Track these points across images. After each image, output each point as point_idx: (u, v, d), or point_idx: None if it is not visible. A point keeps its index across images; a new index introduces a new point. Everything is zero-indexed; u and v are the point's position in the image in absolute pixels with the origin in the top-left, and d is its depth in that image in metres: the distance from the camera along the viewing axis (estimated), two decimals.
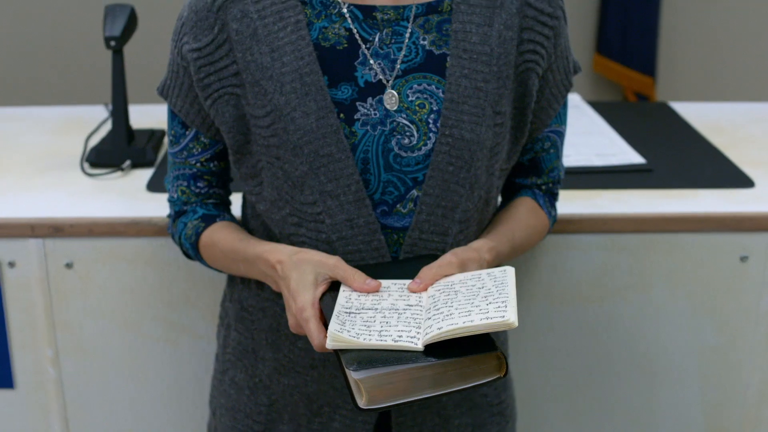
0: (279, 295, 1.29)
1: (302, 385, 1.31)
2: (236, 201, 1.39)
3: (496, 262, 1.23)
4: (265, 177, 1.24)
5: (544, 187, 1.38)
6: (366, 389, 0.98)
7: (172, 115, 1.31)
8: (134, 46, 1.79)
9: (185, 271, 1.54)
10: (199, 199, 1.34)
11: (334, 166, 1.19)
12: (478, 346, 1.01)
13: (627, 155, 1.75)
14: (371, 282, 1.11)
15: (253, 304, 1.33)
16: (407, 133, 1.20)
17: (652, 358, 1.61)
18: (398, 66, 1.21)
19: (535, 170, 1.36)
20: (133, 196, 1.60)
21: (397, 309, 1.06)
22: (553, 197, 1.40)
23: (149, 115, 1.94)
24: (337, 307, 1.06)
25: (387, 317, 1.04)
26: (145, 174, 1.69)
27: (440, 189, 1.21)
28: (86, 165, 1.71)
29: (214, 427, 1.43)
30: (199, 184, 1.33)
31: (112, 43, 1.67)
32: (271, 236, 1.28)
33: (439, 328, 0.99)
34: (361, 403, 0.98)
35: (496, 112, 1.22)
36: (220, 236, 1.29)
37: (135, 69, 1.74)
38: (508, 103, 1.23)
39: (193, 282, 1.54)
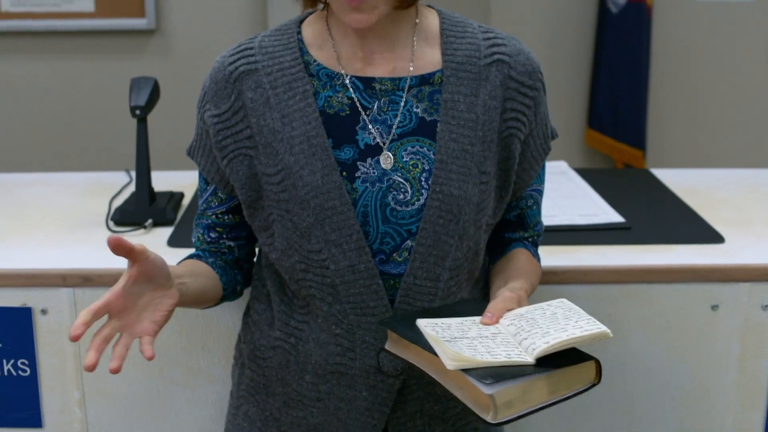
0: (287, 334, 1.43)
1: (309, 417, 1.44)
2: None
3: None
4: (276, 228, 1.39)
5: (530, 240, 1.53)
6: (499, 403, 1.10)
7: (199, 173, 1.48)
8: (154, 116, 1.96)
9: (202, 319, 1.68)
10: (207, 246, 1.49)
11: (338, 218, 1.34)
12: (577, 358, 1.17)
13: (608, 215, 1.90)
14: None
15: (264, 344, 1.47)
16: (402, 190, 1.36)
17: (632, 400, 1.74)
18: (394, 131, 1.37)
19: (522, 225, 1.51)
20: (155, 250, 1.74)
21: (486, 337, 1.20)
22: (537, 248, 1.55)
23: (168, 180, 2.10)
24: (439, 333, 1.19)
25: (484, 343, 1.18)
26: (166, 232, 1.84)
27: (432, 240, 1.35)
28: (111, 223, 1.87)
29: None
30: (211, 234, 1.48)
31: (138, 112, 1.84)
32: (282, 282, 1.43)
33: (546, 342, 1.14)
34: (489, 417, 1.11)
35: (482, 172, 1.37)
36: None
37: (154, 138, 1.90)
38: (492, 164, 1.39)
39: (209, 330, 1.68)
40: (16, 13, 3.34)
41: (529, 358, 1.14)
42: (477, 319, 1.26)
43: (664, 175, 2.24)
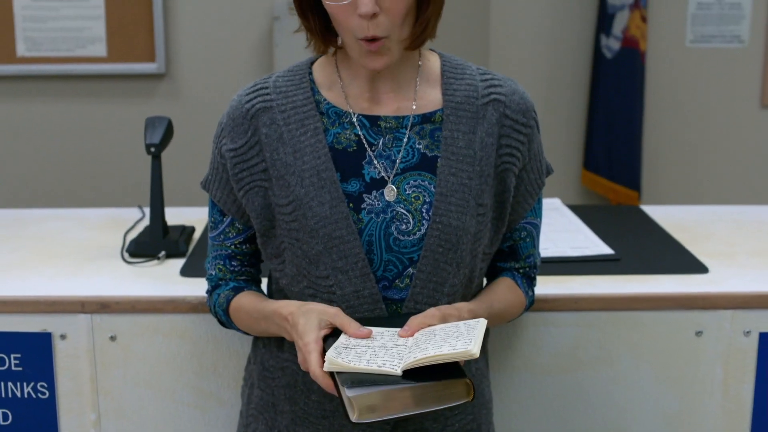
0: (295, 355, 1.51)
1: None
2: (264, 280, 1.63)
3: None
4: (287, 256, 1.49)
5: (521, 271, 1.62)
6: (357, 406, 1.21)
7: (212, 205, 1.57)
8: (163, 155, 2.07)
9: (213, 344, 1.77)
10: (232, 275, 1.58)
11: (344, 246, 1.44)
12: (450, 374, 1.25)
13: (598, 247, 2.00)
14: (363, 329, 1.34)
15: (273, 364, 1.56)
16: (404, 221, 1.45)
17: (621, 423, 1.82)
18: (397, 165, 1.47)
19: (514, 256, 1.60)
20: (168, 280, 1.84)
21: (386, 347, 1.30)
22: (530, 280, 1.63)
23: (178, 215, 2.19)
24: (336, 343, 1.30)
25: (376, 352, 1.28)
26: (178, 263, 1.94)
27: (432, 267, 1.45)
28: (126, 255, 1.97)
29: None
30: (233, 263, 1.58)
31: (152, 149, 1.95)
32: None
33: (414, 357, 1.24)
34: (353, 417, 1.21)
35: (479, 204, 1.47)
36: (245, 301, 1.53)
37: (164, 175, 2.01)
38: (489, 196, 1.49)
39: (219, 354, 1.77)
40: (32, 58, 3.46)
41: (398, 370, 1.24)
42: (398, 330, 1.36)
43: (654, 212, 2.34)
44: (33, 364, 1.76)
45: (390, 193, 1.46)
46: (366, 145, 1.47)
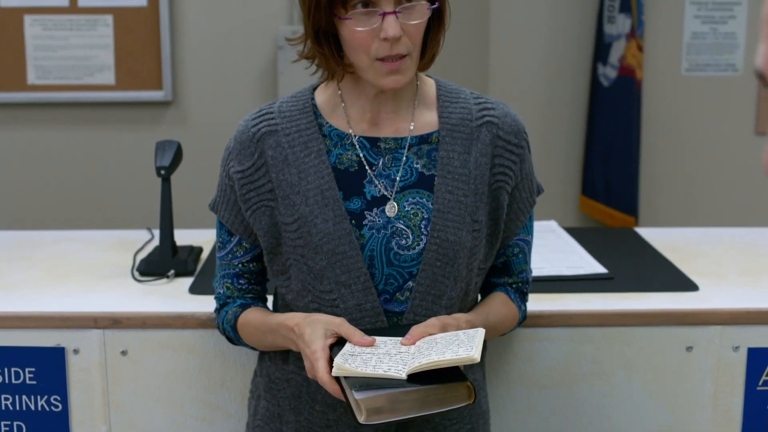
0: (300, 367, 1.58)
1: None
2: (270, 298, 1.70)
3: None
4: (292, 272, 1.56)
5: (514, 286, 1.68)
6: (365, 408, 1.27)
7: (220, 225, 1.64)
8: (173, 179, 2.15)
9: (221, 359, 1.83)
10: (240, 293, 1.65)
11: (347, 261, 1.51)
12: (452, 378, 1.31)
13: (592, 266, 2.07)
14: (367, 338, 1.41)
15: (279, 376, 1.62)
16: (404, 236, 1.53)
17: None
18: (397, 184, 1.54)
19: (507, 271, 1.67)
20: (177, 297, 1.91)
21: (390, 354, 1.37)
22: (523, 295, 1.69)
23: (185, 237, 2.26)
24: (343, 350, 1.37)
25: (381, 358, 1.35)
26: (187, 281, 2.00)
27: (430, 280, 1.52)
28: (136, 274, 2.04)
29: None
30: (240, 281, 1.64)
31: (162, 171, 2.02)
32: None
33: (419, 362, 1.30)
34: (361, 419, 1.28)
35: (474, 220, 1.54)
36: (252, 316, 1.60)
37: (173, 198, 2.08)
38: (483, 213, 1.56)
39: (226, 368, 1.84)
40: (42, 86, 3.55)
41: (403, 374, 1.31)
42: (401, 339, 1.42)
43: (647, 233, 2.41)
44: (47, 378, 1.83)
45: (390, 210, 1.53)
46: (366, 166, 1.54)
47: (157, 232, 2.22)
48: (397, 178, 1.54)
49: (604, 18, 3.96)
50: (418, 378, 1.31)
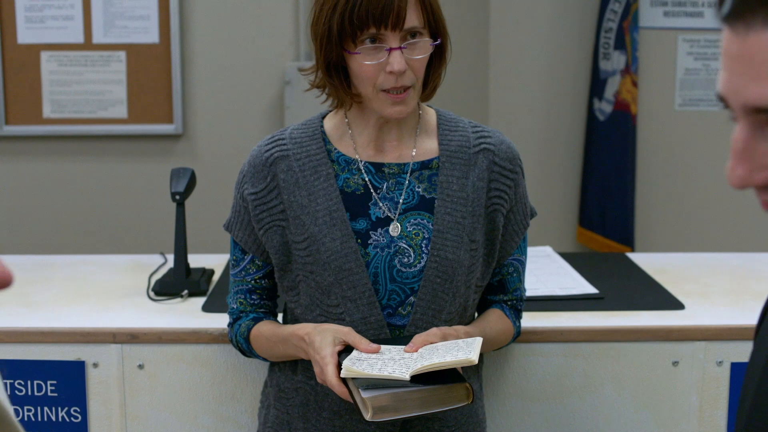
0: (308, 377, 1.69)
1: None
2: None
3: None
4: (302, 288, 1.67)
5: (509, 303, 1.80)
6: (371, 406, 1.38)
7: (234, 245, 1.75)
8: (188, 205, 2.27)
9: (232, 372, 1.94)
10: (252, 308, 1.76)
11: (353, 278, 1.62)
12: (452, 379, 1.42)
13: (583, 287, 2.18)
14: (373, 345, 1.52)
15: (288, 386, 1.73)
16: (406, 254, 1.64)
17: None
18: (400, 206, 1.66)
19: (502, 289, 1.78)
20: (191, 314, 2.02)
21: (394, 359, 1.48)
22: (517, 312, 1.80)
23: (198, 261, 2.37)
24: (350, 356, 1.49)
25: (386, 363, 1.46)
26: (200, 300, 2.12)
27: (430, 296, 1.63)
28: (152, 293, 2.15)
29: None
30: (253, 297, 1.76)
31: (177, 197, 2.14)
32: None
33: (421, 364, 1.42)
34: (367, 416, 1.39)
35: (471, 240, 1.66)
36: (264, 328, 1.71)
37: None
38: (481, 234, 1.68)
39: (237, 381, 1.95)
40: (58, 119, 3.69)
41: (406, 376, 1.42)
42: (404, 347, 1.54)
43: (638, 258, 2.52)
44: (67, 390, 1.94)
45: (394, 230, 1.65)
46: (372, 189, 1.66)
47: (169, 257, 2.33)
48: (400, 201, 1.66)
49: (600, 54, 4.09)
50: (420, 379, 1.42)
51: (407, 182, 1.67)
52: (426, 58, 1.59)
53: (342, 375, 1.45)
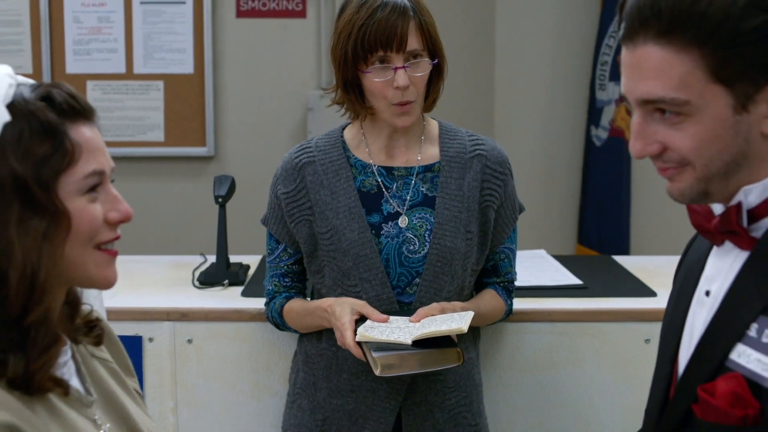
0: (331, 344, 1.99)
1: (345, 405, 2.00)
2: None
3: None
4: (326, 271, 2.00)
5: (502, 284, 2.11)
6: (380, 363, 1.73)
7: (270, 236, 2.08)
8: (212, 221, 2.60)
9: (267, 346, 2.27)
10: (285, 289, 2.09)
11: (369, 262, 1.96)
12: (447, 345, 1.77)
13: (570, 279, 2.51)
14: (383, 315, 1.86)
15: (314, 352, 2.05)
16: (412, 243, 1.97)
17: (586, 412, 2.29)
18: (407, 203, 1.99)
19: (495, 273, 2.10)
20: (232, 299, 2.36)
21: (400, 327, 1.81)
22: (509, 292, 2.12)
23: (234, 260, 2.72)
24: (364, 324, 1.83)
25: (393, 330, 1.79)
26: (238, 289, 2.45)
27: (432, 277, 1.96)
28: (197, 283, 2.49)
29: None
30: (285, 279, 2.09)
31: (220, 199, 2.49)
32: None
33: (421, 331, 1.75)
34: (377, 372, 1.73)
35: (467, 231, 1.99)
36: (294, 304, 2.04)
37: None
38: (475, 226, 2.01)
39: (271, 354, 2.27)
40: None
41: (408, 340, 1.75)
42: (409, 317, 1.87)
43: (622, 260, 2.84)
44: None
45: (402, 222, 1.98)
46: (384, 189, 2.00)
47: (209, 257, 2.67)
48: (407, 199, 2.00)
49: (596, 86, 4.39)
50: (420, 344, 1.76)
51: (413, 183, 2.00)
52: (426, 75, 1.93)
53: (357, 339, 1.79)
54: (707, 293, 1.21)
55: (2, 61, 4.03)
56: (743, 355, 1.11)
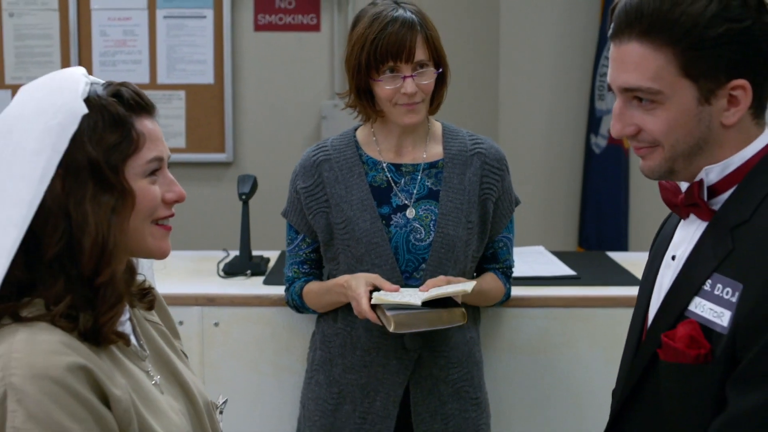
0: (346, 324, 2.20)
1: (358, 379, 2.21)
2: None
3: None
4: (341, 258, 2.22)
5: (501, 269, 2.32)
6: (394, 321, 1.94)
7: (290, 227, 2.30)
8: (232, 223, 2.80)
9: (288, 329, 2.48)
10: (303, 275, 2.30)
11: (379, 250, 2.17)
12: (452, 306, 1.98)
13: (565, 270, 2.72)
14: (395, 285, 2.07)
15: (330, 332, 2.26)
16: (419, 232, 2.19)
17: (580, 391, 2.49)
18: (414, 196, 2.21)
19: (495, 259, 2.31)
20: (255, 286, 2.58)
21: (411, 294, 2.03)
22: (507, 277, 2.32)
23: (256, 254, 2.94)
24: (378, 292, 2.04)
25: (404, 296, 2.01)
26: (260, 279, 2.66)
27: (436, 263, 2.17)
28: (222, 273, 2.71)
29: (302, 416, 2.32)
30: (304, 266, 2.30)
31: (243, 196, 2.71)
32: None
33: (429, 294, 1.97)
34: (390, 329, 1.94)
35: (468, 221, 2.20)
36: (313, 286, 2.25)
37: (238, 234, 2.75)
38: (475, 217, 2.22)
39: (292, 337, 2.48)
40: None
41: (419, 302, 1.97)
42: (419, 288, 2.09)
43: (616, 255, 3.05)
44: None
45: (409, 213, 2.19)
46: (393, 183, 2.21)
47: (231, 252, 2.89)
48: (414, 192, 2.21)
49: (596, 96, 4.51)
50: (429, 305, 1.98)
51: (419, 178, 2.21)
52: (431, 83, 2.15)
53: (372, 302, 2.00)
54: (673, 257, 1.42)
55: (33, 72, 4.29)
56: (699, 306, 1.32)
